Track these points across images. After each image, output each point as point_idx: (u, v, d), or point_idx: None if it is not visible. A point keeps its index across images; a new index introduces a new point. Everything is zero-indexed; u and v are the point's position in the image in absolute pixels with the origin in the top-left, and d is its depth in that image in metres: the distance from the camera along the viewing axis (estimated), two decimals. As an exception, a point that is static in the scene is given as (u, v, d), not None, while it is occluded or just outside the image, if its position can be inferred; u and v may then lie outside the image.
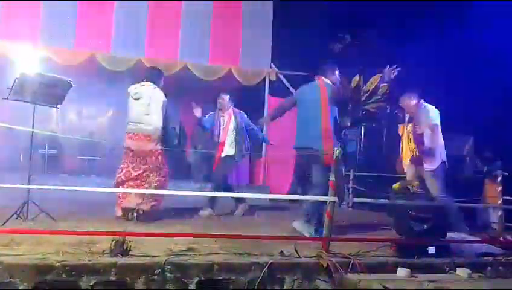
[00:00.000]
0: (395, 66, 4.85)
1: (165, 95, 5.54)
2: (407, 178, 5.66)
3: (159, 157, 5.36)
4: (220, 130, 6.36)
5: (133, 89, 5.43)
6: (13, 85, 4.80)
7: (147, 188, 5.18)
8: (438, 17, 10.68)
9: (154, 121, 5.31)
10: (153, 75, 5.61)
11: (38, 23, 8.08)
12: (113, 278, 3.23)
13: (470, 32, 9.83)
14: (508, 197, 6.53)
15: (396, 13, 10.47)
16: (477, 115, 10.06)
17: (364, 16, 10.73)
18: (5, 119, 5.10)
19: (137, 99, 5.35)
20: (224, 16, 9.16)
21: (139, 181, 5.21)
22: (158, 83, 5.55)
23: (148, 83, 5.47)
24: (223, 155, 6.28)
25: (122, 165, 5.31)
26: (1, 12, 7.96)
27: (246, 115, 6.55)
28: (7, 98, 4.85)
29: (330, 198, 4.06)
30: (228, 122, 6.36)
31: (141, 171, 5.23)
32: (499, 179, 6.71)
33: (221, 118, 6.41)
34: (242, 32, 9.21)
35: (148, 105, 5.32)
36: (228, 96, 6.47)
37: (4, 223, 4.37)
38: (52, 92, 5.06)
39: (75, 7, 8.28)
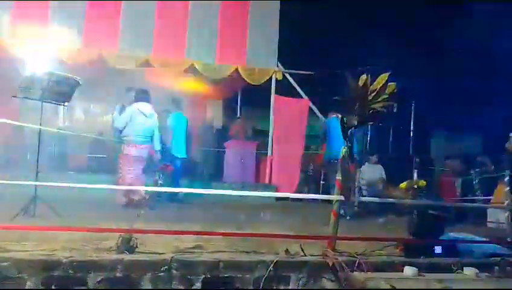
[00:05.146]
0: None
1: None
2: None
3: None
4: None
5: (139, 108, 6.44)
6: (22, 83, 4.85)
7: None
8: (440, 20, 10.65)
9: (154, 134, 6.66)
10: (149, 97, 6.67)
11: (47, 22, 8.13)
12: (119, 274, 3.25)
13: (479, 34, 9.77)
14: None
15: (399, 14, 10.45)
16: (487, 115, 10.00)
17: (369, 15, 10.70)
18: (13, 117, 5.14)
19: (146, 116, 6.47)
20: (232, 15, 9.16)
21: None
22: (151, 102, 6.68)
23: (147, 104, 6.54)
24: None
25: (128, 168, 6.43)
26: (10, 12, 8.02)
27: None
28: (16, 96, 4.90)
29: (336, 197, 4.05)
30: None
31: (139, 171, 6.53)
32: (506, 179, 6.66)
33: None
34: (249, 31, 9.20)
35: (154, 122, 6.60)
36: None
37: (12, 219, 4.40)
38: (60, 90, 5.10)
39: (83, 6, 8.33)
